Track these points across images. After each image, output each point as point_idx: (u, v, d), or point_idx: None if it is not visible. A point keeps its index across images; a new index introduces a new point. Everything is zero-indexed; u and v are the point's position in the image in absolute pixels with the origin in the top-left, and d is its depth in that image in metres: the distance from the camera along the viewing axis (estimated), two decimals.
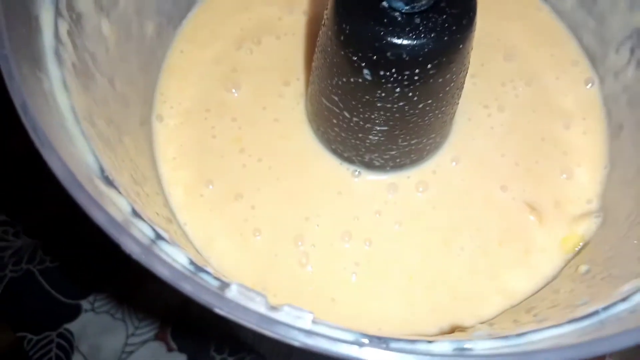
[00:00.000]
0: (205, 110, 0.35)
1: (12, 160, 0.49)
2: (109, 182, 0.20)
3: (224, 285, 0.17)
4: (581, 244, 0.32)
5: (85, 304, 0.48)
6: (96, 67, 0.26)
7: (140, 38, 0.32)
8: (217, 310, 0.16)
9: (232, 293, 0.17)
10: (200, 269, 0.18)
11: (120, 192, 0.20)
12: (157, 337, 0.47)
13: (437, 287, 0.31)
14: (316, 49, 0.30)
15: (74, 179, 0.17)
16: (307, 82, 0.36)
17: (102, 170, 0.20)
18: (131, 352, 0.47)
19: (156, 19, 0.34)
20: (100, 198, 0.18)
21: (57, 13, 0.23)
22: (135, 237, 0.17)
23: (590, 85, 0.36)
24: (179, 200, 0.33)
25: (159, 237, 0.19)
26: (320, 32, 0.29)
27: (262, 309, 0.16)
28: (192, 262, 0.18)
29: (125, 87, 0.30)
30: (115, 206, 0.19)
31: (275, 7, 0.38)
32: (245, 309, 0.15)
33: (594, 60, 0.36)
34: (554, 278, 0.31)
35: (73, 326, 0.48)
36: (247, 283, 0.30)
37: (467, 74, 0.30)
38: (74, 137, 0.20)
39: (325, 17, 0.28)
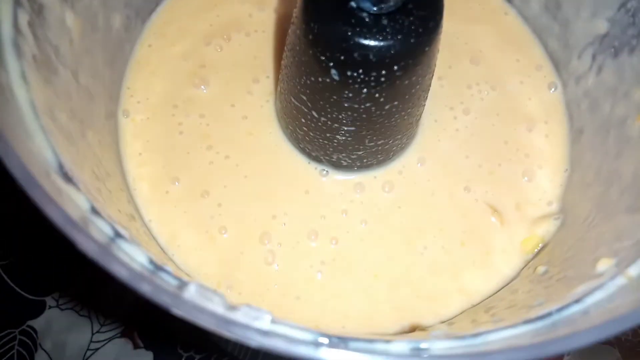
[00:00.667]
0: (172, 106, 0.35)
1: None
2: (67, 178, 0.19)
3: (182, 284, 0.17)
4: (540, 245, 0.33)
5: (49, 300, 0.47)
6: (59, 59, 0.25)
7: (107, 31, 0.31)
8: (174, 311, 0.16)
9: (190, 293, 0.16)
10: (159, 268, 0.18)
11: (79, 189, 0.19)
12: (123, 334, 0.47)
13: (401, 285, 0.32)
14: (285, 48, 0.30)
15: (28, 175, 0.17)
16: (277, 80, 0.36)
17: (60, 166, 0.20)
18: (96, 350, 0.46)
19: (124, 12, 0.33)
20: (58, 195, 0.18)
21: (16, 3, 0.22)
22: (92, 235, 0.17)
23: (553, 89, 0.37)
24: (144, 197, 0.32)
25: (118, 235, 0.19)
26: (290, 30, 0.29)
27: (220, 309, 0.16)
28: (151, 261, 0.18)
29: (90, 80, 0.29)
30: (73, 203, 0.19)
31: (246, 4, 0.37)
32: (202, 310, 0.15)
33: (557, 65, 0.37)
34: (514, 279, 0.31)
35: (37, 323, 0.47)
36: (213, 281, 0.30)
37: (435, 76, 0.30)
38: (32, 132, 0.20)
39: (294, 15, 0.28)
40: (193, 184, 0.33)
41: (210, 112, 0.35)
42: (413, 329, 0.29)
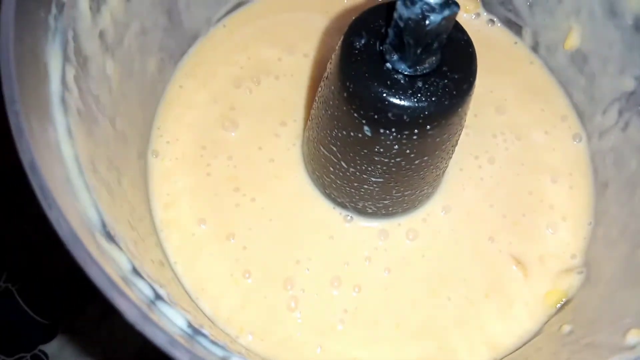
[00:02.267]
0: (201, 147, 0.35)
1: None
2: (110, 237, 0.20)
3: (227, 355, 0.17)
4: (564, 299, 0.33)
5: (62, 325, 0.48)
6: (99, 109, 0.26)
7: (142, 75, 0.32)
8: None
9: None
10: (197, 332, 0.18)
11: (121, 248, 0.20)
12: None
13: (424, 336, 0.32)
14: (316, 98, 0.31)
15: (78, 240, 0.17)
16: (304, 123, 0.36)
17: (103, 225, 0.20)
18: None
19: (158, 55, 0.34)
20: (101, 256, 0.18)
21: (65, 58, 0.23)
22: (133, 300, 0.18)
23: (578, 141, 0.37)
24: (171, 239, 0.33)
25: (157, 297, 0.19)
26: (322, 84, 0.29)
27: None
28: (190, 325, 0.18)
29: (125, 124, 0.30)
30: (116, 263, 0.19)
31: (276, 48, 0.38)
32: None
33: (582, 116, 0.38)
34: (537, 334, 0.31)
35: (48, 347, 0.47)
36: (235, 326, 0.30)
37: None
38: (78, 190, 0.20)
39: (328, 70, 0.28)
40: (219, 226, 0.33)
41: (238, 154, 0.35)
42: None
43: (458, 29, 0.27)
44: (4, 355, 0.46)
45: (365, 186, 0.31)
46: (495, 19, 0.40)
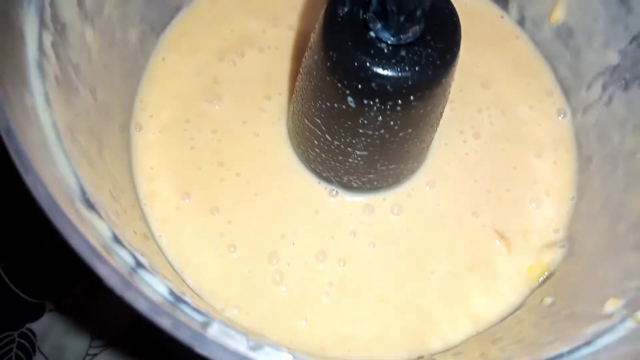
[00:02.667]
0: (184, 120, 0.35)
1: None
2: (90, 205, 0.20)
3: (206, 322, 0.17)
4: (546, 273, 0.33)
5: (49, 303, 0.47)
6: (79, 78, 0.25)
7: (124, 45, 0.32)
8: (197, 350, 0.16)
9: (213, 331, 0.17)
10: (179, 299, 0.18)
11: (101, 216, 0.20)
12: (122, 341, 0.47)
13: (408, 309, 0.32)
14: (300, 70, 0.31)
15: (56, 206, 0.17)
16: (290, 97, 0.36)
17: (83, 193, 0.20)
18: (95, 355, 0.46)
19: (140, 26, 0.33)
20: (81, 224, 0.18)
21: (42, 24, 0.22)
22: (114, 267, 0.17)
23: (562, 116, 0.37)
24: (155, 212, 0.32)
25: (139, 264, 0.19)
26: (306, 54, 0.29)
27: (243, 348, 0.16)
28: (171, 292, 0.18)
29: (106, 96, 0.29)
30: (96, 231, 0.19)
31: (260, 19, 0.37)
32: (226, 350, 0.16)
33: (567, 92, 0.38)
34: (520, 307, 0.32)
35: (36, 326, 0.47)
36: (221, 299, 0.30)
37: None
38: (56, 157, 0.20)
39: (311, 41, 0.28)
40: (203, 200, 0.33)
41: (222, 128, 0.35)
42: (420, 356, 0.30)
43: None
44: None
45: (350, 160, 0.31)
46: None
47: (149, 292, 0.18)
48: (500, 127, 0.37)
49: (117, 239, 0.19)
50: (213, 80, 0.36)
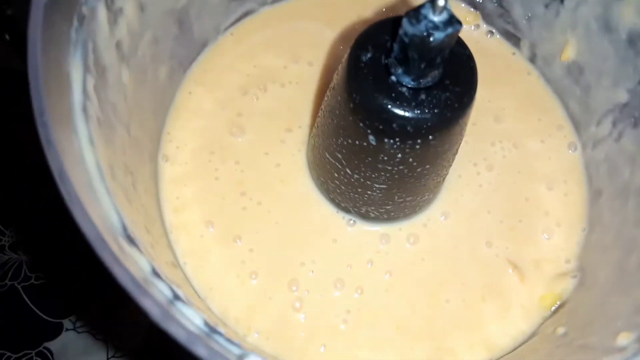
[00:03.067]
0: (209, 152, 0.36)
1: None
2: (130, 240, 0.21)
3: (242, 355, 0.18)
4: (559, 302, 0.34)
5: (67, 323, 0.49)
6: (116, 116, 0.27)
7: (154, 82, 0.33)
8: None
9: None
10: (213, 330, 0.20)
11: (141, 251, 0.21)
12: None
13: (423, 337, 0.33)
14: (322, 107, 0.32)
15: (104, 243, 0.18)
16: (310, 130, 0.37)
17: (124, 229, 0.21)
18: None
19: (169, 63, 0.35)
20: (125, 258, 0.19)
21: (86, 69, 0.24)
22: (156, 299, 0.19)
23: (573, 150, 0.39)
24: (181, 241, 0.34)
25: (176, 297, 0.20)
26: (328, 94, 0.31)
27: None
28: (206, 323, 0.20)
29: (138, 131, 0.31)
30: (137, 265, 0.20)
31: (282, 57, 0.39)
32: None
33: (578, 126, 0.39)
34: (533, 335, 0.32)
35: (53, 345, 0.48)
36: (243, 325, 0.32)
37: None
38: (100, 196, 0.21)
39: (335, 81, 0.29)
40: (227, 228, 0.35)
41: (245, 159, 0.36)
42: None
43: (460, 44, 0.28)
44: (9, 352, 0.47)
45: (369, 192, 0.32)
46: (494, 31, 0.42)
47: (187, 323, 0.19)
48: (513, 160, 0.38)
49: (155, 273, 0.21)
50: (237, 114, 0.38)
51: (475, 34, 0.42)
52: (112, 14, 0.27)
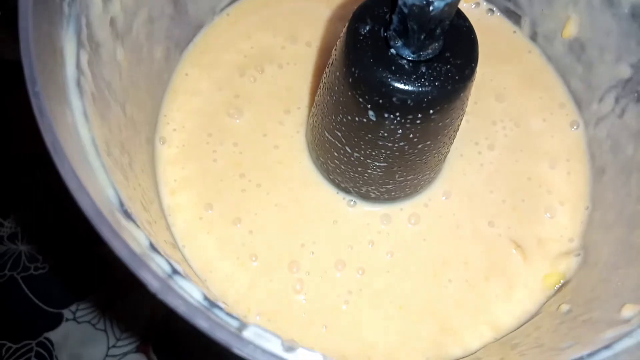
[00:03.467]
0: (207, 134, 0.36)
1: None
2: (128, 215, 0.21)
3: (243, 325, 0.18)
4: (562, 281, 0.34)
5: (67, 313, 0.48)
6: (111, 94, 0.27)
7: (150, 62, 0.33)
8: (236, 351, 0.17)
9: (249, 334, 0.18)
10: (213, 304, 0.19)
11: (138, 226, 0.20)
12: (138, 350, 0.47)
13: (426, 317, 0.33)
14: (321, 85, 0.32)
15: (101, 216, 0.18)
16: (308, 111, 0.37)
17: (121, 204, 0.21)
18: None
19: (165, 43, 0.35)
20: (123, 231, 0.19)
21: (79, 44, 0.24)
22: (154, 271, 0.18)
23: (575, 128, 0.38)
24: (179, 224, 0.33)
25: (175, 271, 0.20)
26: (327, 70, 0.30)
27: (278, 349, 0.17)
28: (205, 298, 0.19)
29: (134, 111, 0.30)
30: (135, 240, 0.20)
31: (279, 36, 0.39)
32: (264, 351, 0.16)
33: (580, 104, 0.38)
34: (536, 314, 0.32)
35: (54, 335, 0.48)
36: (243, 307, 0.31)
37: None
38: (96, 171, 0.21)
39: (333, 57, 0.29)
40: (226, 211, 0.34)
41: (243, 141, 0.36)
42: None
43: (460, 16, 0.27)
44: (10, 342, 0.47)
45: (369, 171, 0.32)
46: (494, 9, 0.41)
47: (186, 297, 0.19)
48: (514, 139, 0.38)
49: (153, 247, 0.20)
50: (234, 95, 0.37)
51: (475, 12, 0.41)
52: None
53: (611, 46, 0.34)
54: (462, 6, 0.41)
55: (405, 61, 0.26)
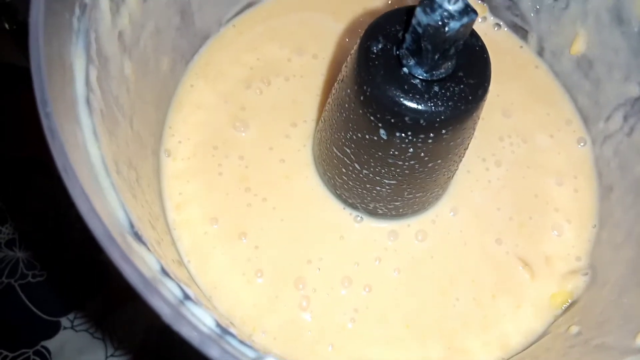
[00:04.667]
0: (212, 147, 0.35)
1: None
2: (138, 237, 0.20)
3: (259, 357, 0.18)
4: (570, 300, 0.33)
5: (64, 321, 0.48)
6: (119, 109, 0.26)
7: (156, 74, 0.32)
8: None
9: None
10: (226, 331, 0.19)
11: (148, 248, 0.20)
12: (136, 359, 0.47)
13: (433, 336, 0.32)
14: (330, 100, 0.31)
15: (112, 239, 0.17)
16: (315, 124, 0.37)
17: (131, 226, 0.20)
18: None
19: (171, 55, 0.34)
20: (133, 255, 0.19)
21: (89, 59, 0.23)
22: (166, 297, 0.18)
23: (582, 144, 0.38)
24: (184, 238, 0.33)
25: (186, 297, 0.19)
26: (337, 86, 0.30)
27: None
28: (218, 324, 0.19)
29: (140, 124, 0.30)
30: (146, 264, 0.19)
31: (286, 49, 0.38)
32: None
33: (587, 121, 0.38)
34: (544, 335, 0.32)
35: (51, 344, 0.47)
36: (249, 325, 0.31)
37: None
38: (106, 191, 0.20)
39: (343, 74, 0.29)
40: (231, 225, 0.34)
41: (249, 154, 0.36)
42: None
43: (473, 35, 0.27)
44: (6, 351, 0.46)
45: (378, 188, 0.31)
46: (501, 23, 0.41)
47: (199, 324, 0.18)
48: (521, 155, 0.37)
49: (164, 271, 0.20)
50: (240, 108, 0.37)
51: (482, 26, 0.41)
52: (115, 3, 0.26)
53: (620, 64, 0.34)
54: None
55: (417, 80, 0.26)
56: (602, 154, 0.37)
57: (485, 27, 0.41)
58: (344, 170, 0.31)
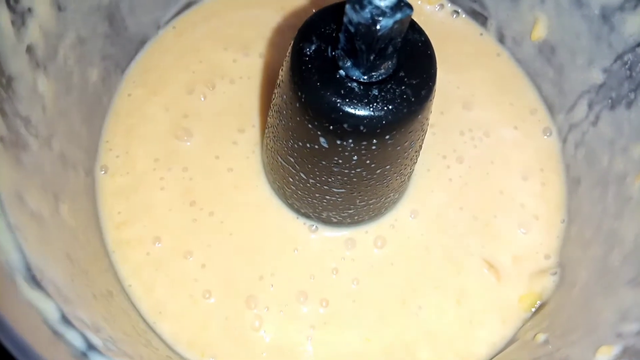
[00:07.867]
0: (153, 160, 0.33)
1: None
2: (35, 282, 0.18)
3: None
4: (539, 302, 0.32)
5: None
6: (30, 131, 0.24)
7: (83, 87, 0.30)
8: None
9: None
10: None
11: (48, 294, 0.18)
12: None
13: (395, 349, 0.30)
14: (271, 106, 0.29)
15: None
16: (263, 130, 0.34)
17: (28, 269, 0.18)
18: None
19: (101, 65, 0.32)
20: (24, 310, 0.16)
21: None
22: (63, 353, 0.16)
23: (548, 135, 0.36)
24: (124, 260, 0.31)
25: (90, 347, 0.17)
26: (275, 91, 0.28)
27: None
28: None
29: (64, 144, 0.28)
30: (42, 314, 0.17)
31: (230, 49, 0.36)
32: None
33: (552, 110, 0.36)
34: (512, 341, 0.30)
35: None
36: (196, 350, 0.29)
37: None
38: None
39: (280, 78, 0.26)
40: (175, 243, 0.32)
41: (194, 165, 0.33)
42: None
43: (415, 29, 0.25)
44: None
45: (328, 197, 0.29)
46: (459, 10, 0.39)
47: None
48: (484, 150, 0.35)
49: (66, 320, 0.17)
50: (182, 115, 0.34)
51: (439, 14, 0.39)
52: (18, 16, 0.24)
53: (582, 49, 0.32)
54: (425, 9, 0.39)
55: (355, 83, 0.23)
56: (568, 145, 0.35)
57: (443, 15, 0.39)
58: (291, 179, 0.29)
